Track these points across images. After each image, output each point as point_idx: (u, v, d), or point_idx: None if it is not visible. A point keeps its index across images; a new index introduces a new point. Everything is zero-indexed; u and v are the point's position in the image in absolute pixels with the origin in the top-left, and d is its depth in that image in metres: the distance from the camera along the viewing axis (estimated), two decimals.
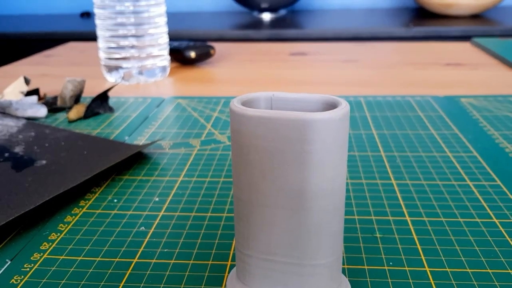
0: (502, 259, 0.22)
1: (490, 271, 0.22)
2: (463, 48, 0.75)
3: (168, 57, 0.57)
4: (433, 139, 0.37)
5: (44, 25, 1.28)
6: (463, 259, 0.22)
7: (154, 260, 0.23)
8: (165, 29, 0.56)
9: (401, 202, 0.28)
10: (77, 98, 0.46)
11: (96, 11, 0.53)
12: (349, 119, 0.17)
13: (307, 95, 0.18)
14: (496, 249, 0.23)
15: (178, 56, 0.62)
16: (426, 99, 0.47)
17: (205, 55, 0.62)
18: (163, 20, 0.55)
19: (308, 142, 0.16)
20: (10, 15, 1.53)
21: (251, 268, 0.19)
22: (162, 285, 0.21)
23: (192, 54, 0.61)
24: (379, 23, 1.17)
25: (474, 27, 1.07)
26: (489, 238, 0.24)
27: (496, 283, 0.21)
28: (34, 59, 0.71)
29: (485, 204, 0.27)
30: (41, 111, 0.43)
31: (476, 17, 1.23)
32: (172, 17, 1.39)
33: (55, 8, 1.60)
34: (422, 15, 1.30)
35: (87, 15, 1.48)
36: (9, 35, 1.20)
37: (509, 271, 0.22)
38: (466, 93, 0.50)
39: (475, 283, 0.21)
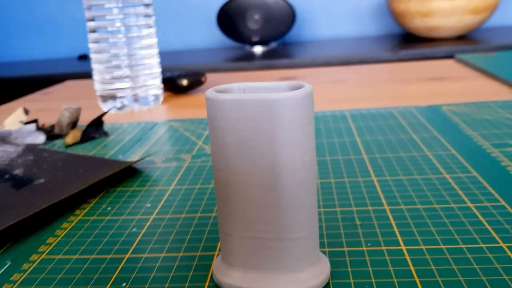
0: (475, 235, 0.24)
1: (463, 246, 0.23)
2: (447, 64, 0.77)
3: (161, 85, 0.60)
4: (413, 141, 0.39)
5: (43, 68, 1.33)
6: (437, 237, 0.24)
7: (145, 255, 0.24)
8: (157, 58, 0.58)
9: (381, 195, 0.29)
10: (73, 125, 0.48)
11: (90, 45, 0.56)
12: (312, 99, 0.19)
13: (276, 83, 0.20)
14: (470, 228, 0.24)
15: (171, 85, 0.64)
16: (408, 109, 0.49)
17: (196, 82, 0.65)
18: (155, 50, 0.58)
19: (275, 120, 0.18)
20: (9, 62, 1.58)
21: (234, 247, 0.20)
22: (153, 274, 0.22)
23: (184, 82, 0.63)
24: (367, 48, 1.21)
25: (458, 47, 1.11)
26: (464, 220, 0.25)
27: (463, 246, 0.22)
28: (33, 97, 0.74)
29: (461, 192, 0.29)
30: (40, 138, 0.45)
31: (460, 38, 1.27)
32: (167, 55, 1.43)
33: (53, 53, 1.65)
34: (409, 39, 1.34)
35: (85, 57, 1.53)
36: (9, 79, 1.23)
37: (462, 245, 0.23)
38: (448, 102, 0.52)
39: (449, 258, 0.22)
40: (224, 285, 0.20)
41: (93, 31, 0.55)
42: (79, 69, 1.26)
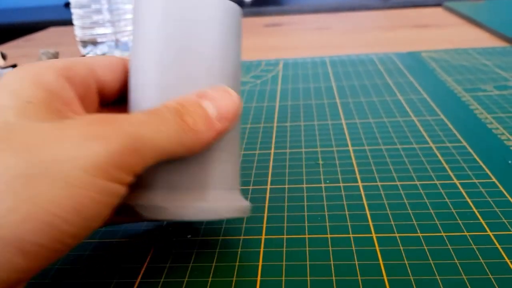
0: (431, 173, 0.24)
1: (417, 182, 0.24)
2: (434, 12, 0.76)
3: None
4: (387, 86, 0.39)
5: (29, 15, 1.30)
6: (394, 175, 0.25)
7: None
8: None
9: (347, 137, 0.30)
10: None
11: None
12: (237, 16, 0.19)
13: None
14: (427, 166, 0.25)
15: None
16: (388, 56, 0.49)
17: None
18: None
19: (194, 22, 0.18)
20: None
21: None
22: None
23: None
24: None
25: None
26: (423, 159, 0.26)
27: (417, 183, 0.23)
28: (14, 43, 0.73)
29: (425, 134, 0.29)
30: None
31: None
32: None
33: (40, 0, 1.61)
34: None
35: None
36: None
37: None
38: (430, 49, 0.52)
39: (402, 193, 0.23)
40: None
41: None
42: (65, 16, 1.24)
